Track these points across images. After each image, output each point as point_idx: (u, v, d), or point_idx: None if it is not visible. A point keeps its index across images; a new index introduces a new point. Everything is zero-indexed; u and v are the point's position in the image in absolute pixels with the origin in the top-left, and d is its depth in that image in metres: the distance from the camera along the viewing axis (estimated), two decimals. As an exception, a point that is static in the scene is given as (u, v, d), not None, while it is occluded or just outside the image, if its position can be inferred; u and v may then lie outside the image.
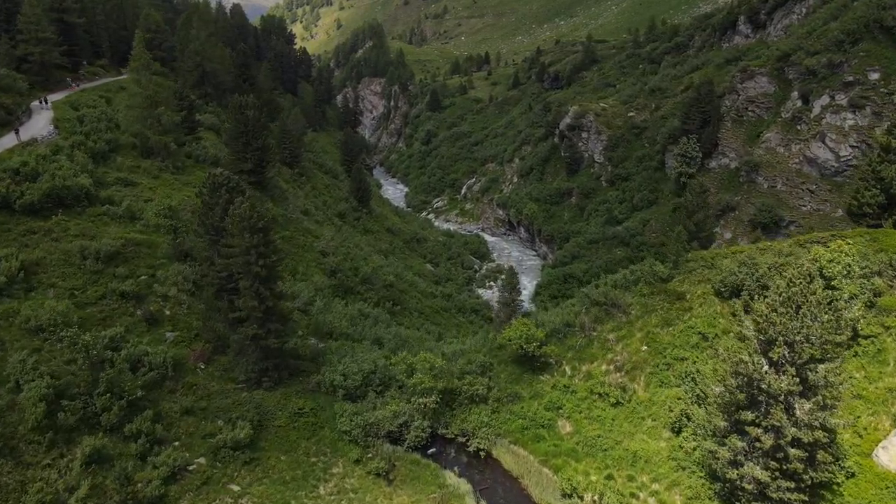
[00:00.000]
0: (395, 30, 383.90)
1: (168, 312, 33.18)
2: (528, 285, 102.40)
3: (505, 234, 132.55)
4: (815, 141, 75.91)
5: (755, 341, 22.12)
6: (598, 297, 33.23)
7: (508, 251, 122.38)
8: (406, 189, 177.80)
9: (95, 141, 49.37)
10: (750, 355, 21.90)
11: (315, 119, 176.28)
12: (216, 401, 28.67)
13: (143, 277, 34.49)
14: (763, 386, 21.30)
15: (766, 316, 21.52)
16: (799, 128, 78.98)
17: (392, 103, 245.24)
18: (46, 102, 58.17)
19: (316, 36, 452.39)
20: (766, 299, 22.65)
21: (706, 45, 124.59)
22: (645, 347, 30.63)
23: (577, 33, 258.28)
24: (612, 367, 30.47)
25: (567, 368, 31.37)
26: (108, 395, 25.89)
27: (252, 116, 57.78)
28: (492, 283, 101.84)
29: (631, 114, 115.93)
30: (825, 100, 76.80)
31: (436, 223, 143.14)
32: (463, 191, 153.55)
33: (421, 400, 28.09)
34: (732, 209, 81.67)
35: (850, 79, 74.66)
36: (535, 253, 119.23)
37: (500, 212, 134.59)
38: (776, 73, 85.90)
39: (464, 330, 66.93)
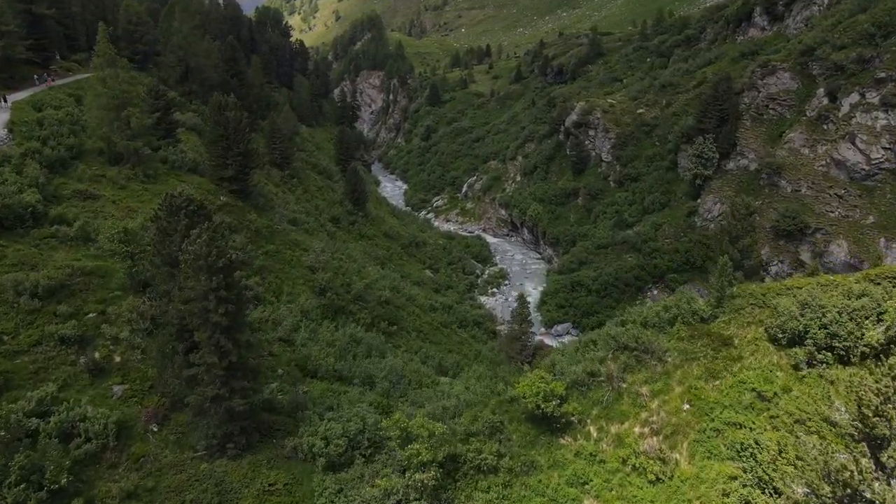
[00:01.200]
0: (395, 21, 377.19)
1: (118, 359, 27.99)
2: (532, 291, 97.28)
3: (507, 235, 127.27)
4: (843, 142, 70.50)
5: (853, 430, 17.15)
6: (627, 341, 28.04)
7: (511, 254, 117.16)
8: (405, 186, 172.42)
9: (54, 147, 44.00)
10: (855, 460, 16.87)
11: (311, 114, 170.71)
12: (168, 477, 23.48)
13: (90, 316, 29.28)
14: (868, 495, 16.31)
15: (878, 408, 16.52)
16: (826, 127, 73.55)
17: (391, 97, 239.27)
18: (6, 101, 52.79)
19: (314, 27, 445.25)
20: (873, 378, 17.60)
21: (719, 37, 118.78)
22: (687, 406, 25.44)
23: (581, 25, 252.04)
24: (647, 430, 25.29)
25: (592, 429, 26.20)
26: (23, 485, 20.73)
27: (233, 118, 52.38)
28: (494, 289, 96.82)
29: (640, 110, 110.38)
30: (854, 98, 71.33)
31: (435, 223, 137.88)
32: (464, 189, 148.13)
33: (418, 476, 22.91)
34: (752, 214, 76.20)
35: (883, 75, 69.16)
36: (539, 256, 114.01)
37: (503, 212, 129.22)
38: (799, 69, 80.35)
39: (466, 348, 61.78)
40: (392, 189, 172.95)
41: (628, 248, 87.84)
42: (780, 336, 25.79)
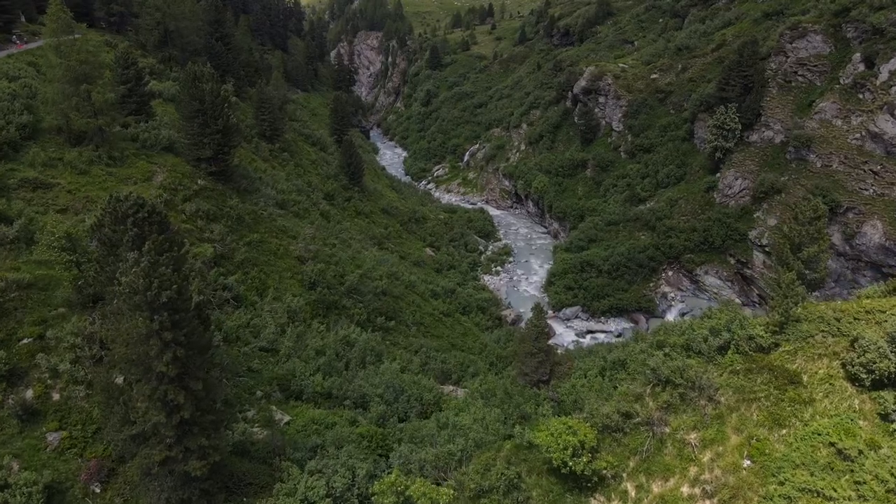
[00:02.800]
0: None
1: (56, 397, 23.30)
2: (538, 269, 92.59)
3: (511, 207, 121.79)
4: (881, 113, 64.60)
5: None
6: (668, 374, 23.20)
7: (516, 228, 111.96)
8: (404, 153, 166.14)
9: (2, 127, 38.58)
10: None
11: (307, 78, 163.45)
12: (109, 558, 19.11)
13: (24, 342, 24.52)
14: None
15: None
16: (861, 97, 67.51)
17: (390, 59, 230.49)
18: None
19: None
20: None
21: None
22: (748, 462, 20.76)
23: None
24: (697, 491, 20.69)
25: (630, 486, 21.60)
26: None
27: (211, 90, 46.63)
28: (498, 267, 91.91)
29: (654, 76, 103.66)
30: (895, 64, 65.14)
31: (436, 194, 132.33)
32: (465, 158, 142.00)
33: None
34: (778, 191, 70.95)
35: (928, 39, 62.93)
36: (545, 230, 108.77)
37: (507, 183, 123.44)
38: (832, 31, 73.76)
39: (470, 340, 57.23)
40: (391, 157, 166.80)
41: (641, 225, 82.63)
42: (864, 376, 20.93)
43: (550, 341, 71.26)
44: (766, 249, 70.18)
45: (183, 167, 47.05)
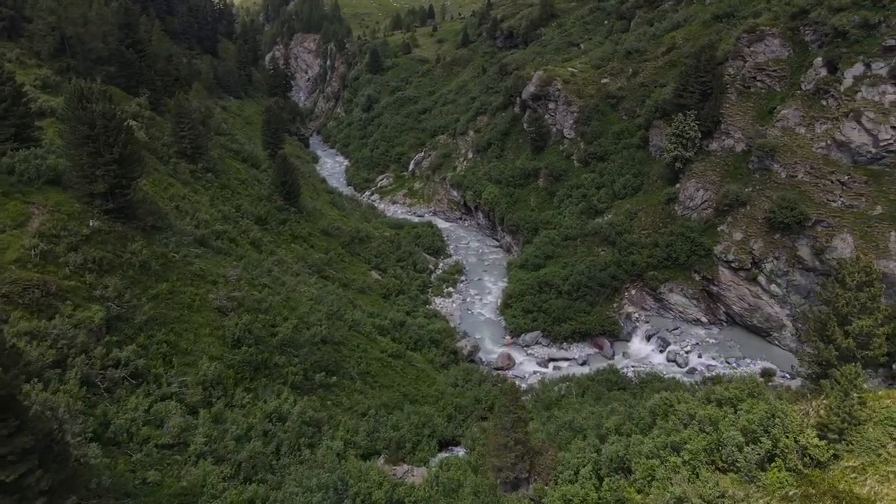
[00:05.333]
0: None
1: None
2: (492, 288, 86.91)
3: (460, 218, 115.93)
4: (847, 120, 61.61)
5: None
6: (693, 498, 17.36)
7: (466, 241, 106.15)
8: (346, 162, 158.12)
9: None
10: None
11: (240, 84, 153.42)
12: None
13: None
14: None
15: None
16: (825, 103, 64.49)
17: (328, 63, 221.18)
18: None
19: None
20: None
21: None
22: None
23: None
24: None
25: None
26: None
27: (103, 111, 38.53)
28: (450, 288, 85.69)
29: (605, 80, 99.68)
30: (859, 69, 62.29)
31: (381, 206, 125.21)
32: (411, 167, 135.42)
33: None
34: (743, 203, 67.34)
35: (892, 42, 60.18)
36: (497, 243, 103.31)
37: (455, 193, 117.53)
38: (790, 35, 70.83)
39: (424, 387, 50.72)
40: (332, 166, 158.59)
41: (600, 240, 77.93)
42: (962, 510, 15.55)
43: (510, 373, 65.84)
44: (733, 265, 66.53)
45: (70, 206, 38.74)
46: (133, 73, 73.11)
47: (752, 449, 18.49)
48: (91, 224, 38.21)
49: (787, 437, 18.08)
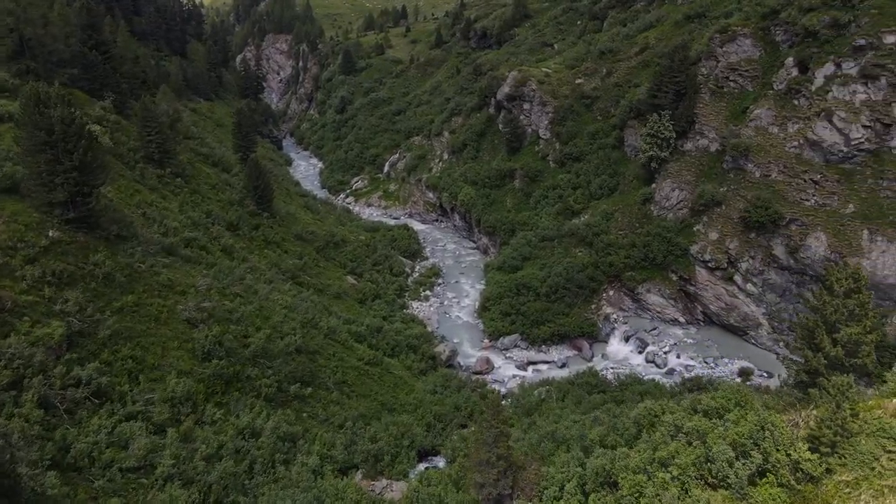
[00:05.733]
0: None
1: None
2: (470, 291, 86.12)
3: (437, 220, 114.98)
4: (819, 120, 62.09)
5: None
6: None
7: (443, 243, 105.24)
8: (320, 164, 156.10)
9: None
10: None
11: (210, 86, 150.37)
12: None
13: None
14: None
15: None
16: (797, 103, 64.97)
17: (301, 64, 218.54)
18: None
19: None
20: None
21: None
22: None
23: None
24: None
25: None
26: None
27: (61, 116, 36.84)
28: (427, 291, 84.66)
29: (579, 81, 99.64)
30: (829, 68, 62.83)
31: (356, 209, 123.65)
32: (385, 168, 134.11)
33: None
34: (718, 203, 67.53)
35: (862, 42, 60.76)
36: (473, 245, 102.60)
37: (431, 195, 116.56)
38: (761, 35, 71.30)
39: (403, 395, 49.69)
40: (306, 168, 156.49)
41: (577, 241, 77.61)
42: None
43: (489, 377, 65.09)
44: (710, 265, 66.68)
45: (28, 215, 36.95)
46: (97, 75, 70.83)
47: (743, 464, 17.93)
48: (50, 234, 36.47)
49: (779, 450, 17.53)
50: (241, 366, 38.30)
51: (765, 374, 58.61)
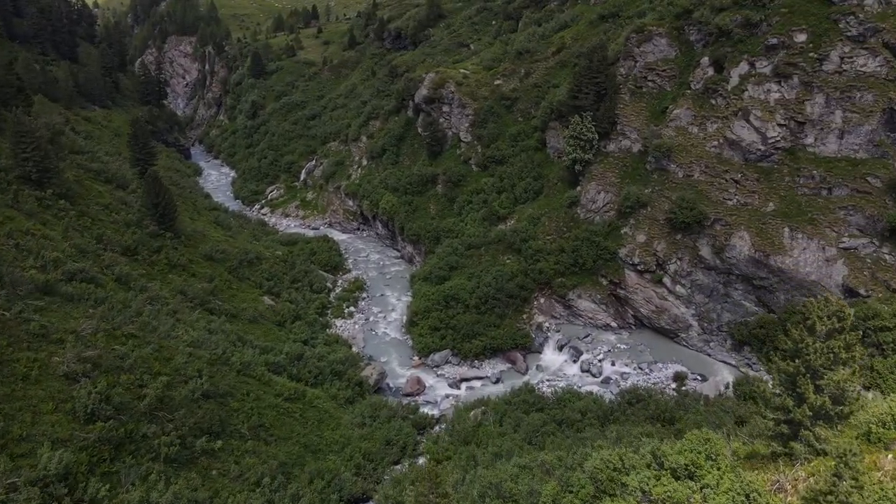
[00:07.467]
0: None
1: None
2: (396, 304, 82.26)
3: (358, 229, 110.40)
4: (736, 119, 62.35)
5: None
6: None
7: (366, 254, 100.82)
8: (232, 173, 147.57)
9: None
10: None
11: (105, 92, 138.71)
12: None
13: None
14: None
15: None
16: (714, 102, 65.07)
17: (207, 67, 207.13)
18: None
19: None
20: None
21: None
22: None
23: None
24: None
25: None
26: None
27: None
28: (351, 307, 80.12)
29: (498, 82, 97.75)
30: (744, 68, 63.21)
31: (272, 220, 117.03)
32: (302, 176, 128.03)
33: None
34: (644, 205, 66.81)
35: (774, 41, 61.34)
36: (398, 254, 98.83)
37: (351, 203, 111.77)
38: (676, 35, 71.29)
39: (328, 432, 45.34)
40: (217, 178, 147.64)
41: (505, 247, 75.34)
42: None
43: (420, 398, 61.47)
44: (639, 268, 65.85)
45: None
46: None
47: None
48: None
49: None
50: (134, 423, 32.94)
51: (698, 377, 58.11)
